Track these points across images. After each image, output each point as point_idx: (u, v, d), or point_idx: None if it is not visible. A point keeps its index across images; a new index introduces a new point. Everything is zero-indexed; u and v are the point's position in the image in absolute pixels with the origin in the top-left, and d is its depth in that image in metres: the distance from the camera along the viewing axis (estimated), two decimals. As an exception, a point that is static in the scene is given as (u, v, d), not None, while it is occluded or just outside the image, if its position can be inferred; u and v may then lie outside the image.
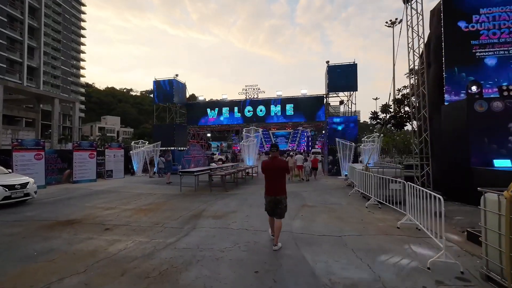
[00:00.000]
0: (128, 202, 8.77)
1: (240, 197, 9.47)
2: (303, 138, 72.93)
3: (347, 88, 17.59)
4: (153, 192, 10.76)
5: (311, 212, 7.10)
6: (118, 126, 79.51)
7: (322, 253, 4.31)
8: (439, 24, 8.78)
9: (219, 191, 10.77)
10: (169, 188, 11.88)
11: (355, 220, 6.34)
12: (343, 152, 16.00)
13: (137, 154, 18.48)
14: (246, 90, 20.79)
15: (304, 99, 19.86)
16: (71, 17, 66.55)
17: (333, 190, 11.04)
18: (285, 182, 4.74)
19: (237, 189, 11.53)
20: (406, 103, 12.57)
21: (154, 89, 21.15)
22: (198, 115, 22.26)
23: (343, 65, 17.59)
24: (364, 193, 8.81)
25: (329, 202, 8.44)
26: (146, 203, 8.58)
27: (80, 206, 8.14)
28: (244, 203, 8.43)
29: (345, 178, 14.82)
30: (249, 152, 18.27)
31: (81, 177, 14.31)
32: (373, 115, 13.49)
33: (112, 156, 16.42)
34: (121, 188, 11.96)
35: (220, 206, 8.02)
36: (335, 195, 9.78)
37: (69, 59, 65.97)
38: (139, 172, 18.48)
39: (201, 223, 6.17)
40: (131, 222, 6.30)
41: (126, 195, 10.09)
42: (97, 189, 11.69)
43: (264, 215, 6.23)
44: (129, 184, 13.44)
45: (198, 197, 9.65)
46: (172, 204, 8.40)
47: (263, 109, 20.60)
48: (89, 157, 14.73)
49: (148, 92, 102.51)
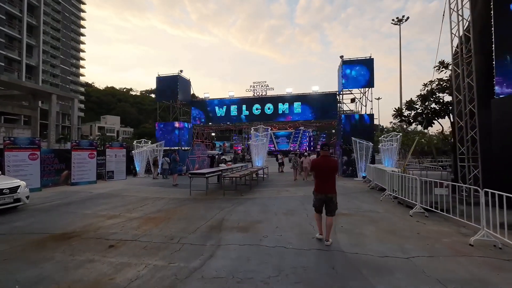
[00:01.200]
0: (134, 208, 7.63)
1: (259, 202, 8.34)
2: (304, 138, 71.90)
3: (362, 84, 16.50)
4: (160, 196, 9.62)
5: (351, 223, 5.99)
6: (118, 126, 78.16)
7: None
8: (486, 7, 7.71)
9: (233, 195, 9.66)
10: (177, 192, 10.74)
11: (410, 233, 5.24)
12: (359, 152, 14.93)
13: (139, 154, 17.32)
14: (254, 87, 19.66)
15: (315, 97, 18.76)
16: (71, 16, 65.23)
17: (358, 194, 9.94)
18: (335, 180, 4.81)
19: (252, 192, 10.41)
20: (433, 99, 11.47)
21: (157, 86, 19.96)
22: (204, 113, 21.11)
23: (358, 60, 16.51)
24: (402, 198, 7.72)
25: (364, 209, 7.33)
26: (154, 210, 7.44)
27: (79, 214, 7.00)
28: (267, 210, 7.31)
29: (364, 180, 13.75)
30: (258, 152, 17.18)
31: (80, 178, 13.14)
32: (396, 112, 12.37)
33: (113, 156, 15.26)
34: (124, 191, 10.81)
35: (240, 214, 6.89)
36: (364, 200, 8.68)
37: (68, 58, 64.62)
38: (142, 173, 17.33)
39: (226, 238, 5.04)
40: (139, 235, 5.17)
41: (131, 200, 8.95)
42: (98, 192, 10.54)
43: (298, 227, 5.68)
44: (132, 187, 12.29)
45: (212, 202, 8.52)
46: (184, 211, 7.26)
47: (271, 107, 19.46)
48: (89, 157, 13.57)
49: (148, 92, 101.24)
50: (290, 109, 19.11)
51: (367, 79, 16.29)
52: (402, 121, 12.21)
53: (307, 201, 8.50)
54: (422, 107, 11.76)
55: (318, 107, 18.63)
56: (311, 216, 6.46)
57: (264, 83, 19.51)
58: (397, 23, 38.03)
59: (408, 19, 37.60)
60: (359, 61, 16.51)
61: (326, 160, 4.72)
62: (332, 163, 4.76)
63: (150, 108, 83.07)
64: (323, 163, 4.69)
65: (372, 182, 11.71)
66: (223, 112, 20.41)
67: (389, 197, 8.74)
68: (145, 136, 50.69)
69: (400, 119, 12.34)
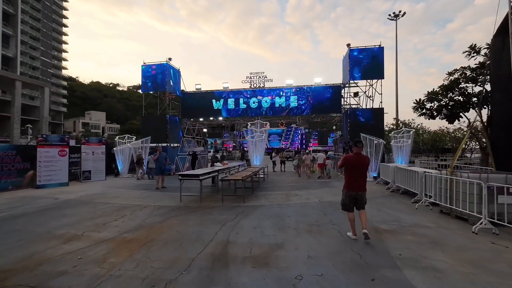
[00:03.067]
0: (105, 223, 5.68)
1: (269, 213, 6.55)
2: (296, 135, 70.53)
3: (372, 75, 14.94)
4: (143, 204, 7.67)
5: (408, 248, 4.26)
6: (104, 122, 74.52)
7: None
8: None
9: (234, 202, 7.82)
10: (164, 197, 8.81)
11: (501, 265, 3.57)
12: (370, 149, 13.36)
13: (122, 152, 15.17)
14: (251, 78, 17.79)
15: (318, 89, 17.07)
16: (52, 5, 61.04)
17: (383, 199, 8.30)
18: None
19: (256, 198, 8.61)
20: (458, 90, 9.98)
21: (142, 75, 17.73)
22: (197, 106, 19.07)
23: (368, 49, 14.92)
24: (447, 207, 6.11)
25: (407, 223, 5.66)
26: (133, 225, 5.52)
27: (25, 234, 5.00)
28: (283, 224, 5.53)
29: (377, 181, 12.20)
30: (256, 150, 15.37)
31: (48, 180, 10.97)
32: (417, 104, 10.82)
33: (90, 154, 13.08)
34: (99, 197, 8.78)
35: (249, 231, 5.08)
36: (396, 208, 7.03)
37: (49, 50, 60.55)
38: (125, 173, 15.20)
39: (239, 281, 3.22)
40: (101, 279, 3.28)
41: (105, 210, 6.96)
42: (66, 199, 8.46)
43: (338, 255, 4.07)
44: (111, 190, 10.24)
45: (209, 212, 6.66)
46: (173, 228, 5.38)
47: (268, 100, 17.64)
48: (59, 155, 11.38)
49: (136, 88, 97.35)
50: (289, 102, 17.35)
51: (376, 69, 14.73)
52: (423, 114, 10.69)
53: (328, 209, 6.79)
54: (447, 98, 10.25)
55: (320, 101, 16.96)
56: (345, 234, 4.75)
57: (262, 74, 17.66)
58: (393, 18, 36.87)
59: (405, 14, 36.60)
60: (369, 49, 14.91)
61: (359, 157, 4.51)
62: (365, 160, 4.61)
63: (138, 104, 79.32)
64: (356, 160, 4.49)
65: (391, 184, 10.14)
66: (220, 105, 18.43)
67: (425, 204, 7.13)
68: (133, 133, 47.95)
69: (420, 112, 10.81)
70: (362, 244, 4.38)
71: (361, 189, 4.50)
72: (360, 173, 4.51)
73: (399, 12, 38.07)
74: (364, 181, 4.55)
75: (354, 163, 4.50)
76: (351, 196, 4.51)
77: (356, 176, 4.51)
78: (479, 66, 9.77)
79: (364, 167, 4.54)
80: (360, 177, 4.51)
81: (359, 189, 4.48)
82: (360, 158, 4.52)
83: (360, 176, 4.51)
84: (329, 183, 12.22)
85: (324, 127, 75.39)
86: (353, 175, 4.54)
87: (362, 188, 4.50)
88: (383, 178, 11.64)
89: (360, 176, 4.51)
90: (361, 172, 4.51)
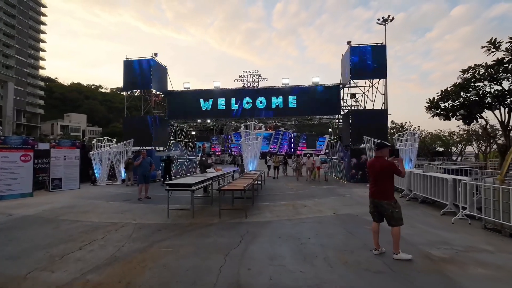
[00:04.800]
0: (64, 255, 4.13)
1: (282, 232, 5.20)
2: (285, 139, 69.67)
3: (373, 75, 14.02)
4: (121, 221, 6.11)
5: None
6: (84, 125, 70.73)
7: None
8: None
9: (234, 217, 6.42)
10: (148, 211, 7.26)
11: None
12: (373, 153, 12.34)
13: (99, 156, 13.37)
14: (244, 77, 16.49)
15: (317, 89, 15.99)
16: (29, 1, 57.47)
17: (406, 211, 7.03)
18: (391, 186, 4.07)
19: (258, 210, 7.24)
20: (474, 89, 9.12)
21: (124, 72, 15.97)
22: (185, 106, 17.49)
23: (369, 47, 14.02)
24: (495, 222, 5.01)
25: (458, 245, 4.47)
26: (103, 258, 4.00)
27: None
28: (306, 252, 4.19)
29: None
30: (250, 154, 14.03)
31: (7, 190, 9.12)
32: (430, 104, 9.88)
33: (61, 159, 11.25)
34: (66, 211, 7.11)
35: (265, 266, 3.71)
36: (429, 224, 5.88)
37: (25, 48, 56.90)
38: (103, 180, 13.39)
39: None
40: None
41: (69, 231, 5.37)
42: (22, 215, 6.75)
43: None
44: (83, 202, 8.54)
45: (205, 233, 5.23)
46: (159, 260, 3.91)
47: (263, 101, 16.37)
48: (22, 160, 9.56)
49: (119, 89, 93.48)
50: (286, 103, 16.16)
51: (378, 68, 13.84)
52: (438, 115, 9.76)
53: (351, 226, 5.55)
54: (463, 97, 9.37)
55: (319, 101, 15.88)
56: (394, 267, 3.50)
57: (256, 72, 16.40)
58: (383, 23, 36.90)
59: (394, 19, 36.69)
60: (370, 47, 14.01)
61: (377, 161, 4.14)
62: (383, 163, 4.06)
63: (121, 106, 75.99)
64: (371, 164, 4.24)
65: (406, 191, 9.08)
66: (209, 106, 16.95)
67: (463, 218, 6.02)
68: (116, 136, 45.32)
69: (434, 112, 9.88)
70: (428, 284, 3.13)
71: (376, 195, 4.09)
72: (377, 178, 4.11)
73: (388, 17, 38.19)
74: (381, 187, 4.06)
75: (369, 167, 4.28)
76: (371, 202, 4.23)
77: (372, 181, 4.23)
78: (496, 63, 8.91)
79: (377, 171, 4.09)
80: (376, 183, 4.13)
81: (375, 196, 4.10)
82: (378, 162, 4.14)
83: (376, 181, 4.13)
84: (334, 190, 11.06)
85: (312, 131, 75.13)
86: (370, 179, 4.33)
87: (377, 194, 4.08)
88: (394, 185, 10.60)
89: (376, 181, 4.13)
90: (375, 176, 4.14)
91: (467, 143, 25.93)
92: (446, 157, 24.60)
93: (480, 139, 23.04)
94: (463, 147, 26.80)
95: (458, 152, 28.10)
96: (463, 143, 26.41)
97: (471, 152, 32.77)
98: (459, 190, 6.27)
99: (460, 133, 25.16)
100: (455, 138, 26.29)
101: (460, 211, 6.16)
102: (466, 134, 24.42)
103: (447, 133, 26.15)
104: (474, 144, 25.02)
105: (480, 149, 24.73)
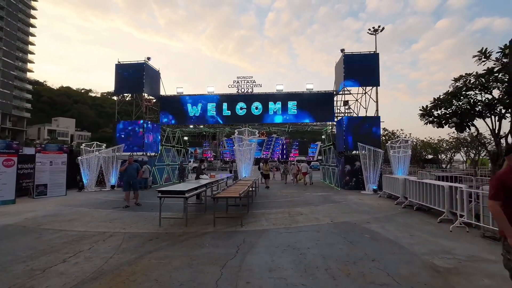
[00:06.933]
0: (46, 268, 3.79)
1: (280, 242, 4.99)
2: (277, 146, 69.65)
3: (366, 82, 14.14)
4: (109, 230, 5.77)
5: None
6: (73, 129, 69.01)
7: None
8: None
9: (229, 225, 6.17)
10: (138, 219, 6.92)
11: None
12: (368, 160, 12.33)
13: (87, 161, 12.88)
14: (238, 82, 16.36)
15: (311, 96, 16.00)
16: (18, 3, 56.37)
17: (403, 218, 7.06)
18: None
19: (253, 218, 7.01)
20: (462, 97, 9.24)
21: (116, 76, 15.60)
22: (176, 112, 17.20)
23: (362, 55, 14.18)
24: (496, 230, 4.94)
25: (460, 254, 4.36)
26: (89, 272, 3.69)
27: None
28: (308, 264, 3.98)
29: (379, 195, 11.10)
30: (244, 160, 13.82)
31: (-13, 197, 8.60)
32: (424, 111, 9.93)
33: (47, 164, 10.76)
34: (50, 220, 6.70)
35: (265, 279, 3.47)
36: (428, 232, 5.77)
37: (13, 50, 55.48)
38: (91, 186, 12.89)
39: None
40: None
41: (52, 242, 5.00)
42: (1, 224, 6.31)
43: None
44: (69, 210, 8.11)
45: (199, 243, 4.96)
46: (151, 274, 3.63)
47: (259, 107, 16.27)
48: (4, 165, 9.06)
49: (110, 94, 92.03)
50: (284, 109, 16.07)
51: (371, 76, 13.98)
52: (431, 122, 9.82)
53: (352, 236, 5.38)
54: (456, 105, 9.46)
55: (314, 108, 15.89)
56: (401, 280, 3.32)
57: (250, 78, 16.32)
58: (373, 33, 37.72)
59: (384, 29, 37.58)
60: (363, 56, 14.19)
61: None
62: None
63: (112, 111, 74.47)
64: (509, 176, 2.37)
65: (401, 199, 9.03)
66: (197, 111, 16.71)
67: (456, 225, 5.95)
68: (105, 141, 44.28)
69: (427, 120, 9.93)
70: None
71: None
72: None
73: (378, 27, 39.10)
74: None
75: (503, 181, 2.39)
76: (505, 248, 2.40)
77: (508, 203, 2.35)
78: (487, 72, 9.06)
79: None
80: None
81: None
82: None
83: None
84: (329, 197, 10.93)
85: (305, 138, 75.53)
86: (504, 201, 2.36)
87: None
88: (387, 191, 10.57)
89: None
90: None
91: (456, 150, 26.49)
92: (435, 164, 25.01)
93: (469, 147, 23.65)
94: (452, 155, 27.41)
95: (447, 159, 28.66)
96: (452, 151, 26.99)
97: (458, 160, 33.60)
98: (456, 198, 6.22)
99: (450, 140, 25.75)
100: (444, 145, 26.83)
101: (457, 218, 6.10)
102: (455, 141, 25.01)
103: (437, 140, 26.71)
104: (462, 151, 25.63)
105: (468, 157, 25.37)
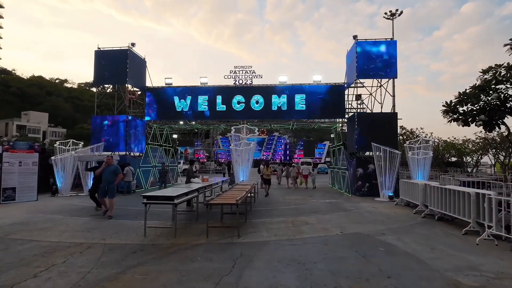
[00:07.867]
0: (14, 284, 3.77)
1: (282, 256, 4.98)
2: (279, 145, 69.66)
3: (382, 74, 14.14)
4: (86, 241, 5.75)
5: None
6: (45, 125, 68.84)
7: None
8: None
9: (224, 236, 6.17)
10: (120, 228, 6.91)
11: None
12: (384, 163, 12.34)
13: (62, 162, 12.85)
14: (236, 72, 16.34)
15: (319, 89, 16.01)
16: (-17, -21, 56.08)
17: (423, 229, 7.07)
18: None
19: (252, 228, 7.01)
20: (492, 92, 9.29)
21: (95, 64, 15.55)
22: (164, 106, 17.19)
23: (378, 42, 14.18)
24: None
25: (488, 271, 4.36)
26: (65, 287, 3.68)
27: None
28: (315, 281, 3.97)
29: (396, 203, 11.11)
30: (241, 162, 13.85)
31: None
32: (447, 107, 9.95)
33: (15, 164, 10.74)
34: (18, 229, 6.68)
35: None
36: (451, 245, 5.78)
37: (-23, 34, 55.18)
38: (67, 190, 12.86)
39: None
40: None
41: (21, 254, 4.98)
42: (-37, 233, 6.29)
43: None
44: (40, 217, 8.10)
45: (190, 256, 4.95)
46: (134, 291, 3.63)
47: (260, 101, 16.25)
48: (-34, 166, 9.03)
49: (88, 85, 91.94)
50: (291, 103, 16.07)
51: (388, 66, 13.99)
52: (456, 120, 9.83)
53: (364, 249, 5.39)
54: (484, 101, 9.49)
55: (323, 103, 15.89)
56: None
57: (249, 68, 16.31)
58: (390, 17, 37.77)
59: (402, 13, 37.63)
60: (379, 43, 14.18)
61: None
62: None
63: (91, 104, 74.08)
64: None
65: (421, 207, 9.05)
66: (186, 106, 16.70)
67: (483, 238, 5.97)
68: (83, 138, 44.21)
69: (451, 117, 9.95)
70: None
71: None
72: None
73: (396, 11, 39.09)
74: None
75: None
76: None
77: None
78: (520, 61, 9.11)
79: None
80: None
81: None
82: None
83: None
84: (338, 204, 10.96)
85: (310, 137, 75.51)
86: None
87: None
88: (404, 199, 10.60)
89: None
90: None
91: (484, 152, 26.52)
92: (459, 167, 25.07)
93: (498, 148, 23.64)
94: (479, 157, 27.42)
95: (474, 162, 28.71)
96: (479, 153, 27.02)
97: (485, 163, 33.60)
98: (483, 206, 6.23)
99: (476, 141, 25.76)
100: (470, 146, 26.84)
101: (485, 230, 6.11)
102: (482, 142, 25.01)
103: (461, 141, 26.72)
104: (491, 153, 25.66)
105: (497, 160, 25.38)
